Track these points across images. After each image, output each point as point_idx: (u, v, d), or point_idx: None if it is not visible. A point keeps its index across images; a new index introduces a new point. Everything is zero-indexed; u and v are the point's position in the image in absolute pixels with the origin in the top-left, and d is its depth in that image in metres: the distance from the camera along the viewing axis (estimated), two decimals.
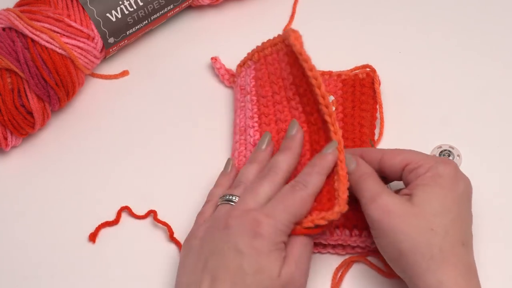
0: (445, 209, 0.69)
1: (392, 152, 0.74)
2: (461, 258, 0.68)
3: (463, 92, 0.87)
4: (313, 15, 0.92)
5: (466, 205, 0.71)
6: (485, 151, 0.83)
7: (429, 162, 0.71)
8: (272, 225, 0.68)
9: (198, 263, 0.69)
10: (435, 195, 0.70)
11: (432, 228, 0.68)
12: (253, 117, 0.81)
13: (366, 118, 0.81)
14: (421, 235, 0.68)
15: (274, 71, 0.81)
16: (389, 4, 0.93)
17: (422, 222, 0.68)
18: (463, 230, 0.70)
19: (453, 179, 0.70)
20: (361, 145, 0.79)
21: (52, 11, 0.81)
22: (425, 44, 0.90)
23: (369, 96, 0.83)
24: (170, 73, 0.89)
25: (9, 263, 0.77)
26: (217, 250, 0.68)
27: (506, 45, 0.90)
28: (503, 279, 0.75)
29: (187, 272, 0.70)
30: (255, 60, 0.83)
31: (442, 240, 0.68)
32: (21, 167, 0.83)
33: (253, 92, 0.82)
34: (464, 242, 0.69)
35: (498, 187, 0.81)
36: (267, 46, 0.82)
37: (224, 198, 0.73)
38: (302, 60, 0.76)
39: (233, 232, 0.68)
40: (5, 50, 0.79)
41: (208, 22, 0.92)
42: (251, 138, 0.80)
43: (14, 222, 0.80)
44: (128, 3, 0.84)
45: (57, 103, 0.82)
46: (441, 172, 0.70)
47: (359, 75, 0.84)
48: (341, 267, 0.76)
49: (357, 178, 0.72)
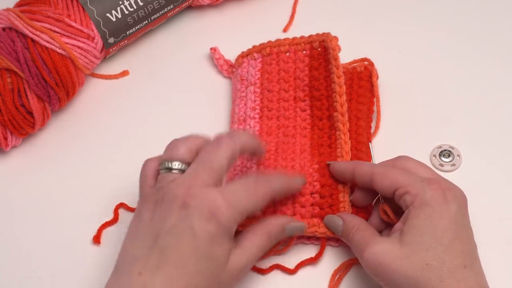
0: (437, 240, 0.68)
1: (381, 174, 0.72)
2: (466, 282, 0.67)
3: (463, 92, 0.87)
4: (313, 15, 0.92)
5: (462, 224, 0.70)
6: (485, 151, 0.83)
7: (415, 189, 0.70)
8: (231, 212, 0.66)
9: (148, 237, 0.66)
10: (425, 228, 0.68)
11: (427, 263, 0.67)
12: (255, 108, 0.81)
13: (363, 111, 0.81)
14: (418, 272, 0.67)
15: (287, 68, 0.82)
16: (389, 4, 0.93)
17: (415, 260, 0.68)
18: (463, 252, 0.68)
19: (441, 204, 0.69)
20: (356, 138, 0.79)
21: (52, 11, 0.81)
22: (425, 44, 0.90)
23: (366, 89, 0.83)
24: (170, 73, 0.89)
25: (9, 263, 0.77)
26: (171, 229, 0.65)
27: (506, 45, 0.90)
28: (503, 279, 0.75)
29: (135, 243, 0.67)
30: (265, 53, 0.84)
31: (439, 271, 0.67)
32: (21, 167, 0.83)
33: (258, 84, 0.83)
34: (466, 264, 0.68)
35: (498, 187, 0.81)
36: (285, 43, 0.83)
37: (164, 165, 0.69)
38: (334, 66, 0.78)
39: (191, 213, 0.65)
40: (5, 50, 0.79)
41: (208, 22, 0.92)
42: (251, 129, 0.80)
43: (14, 222, 0.80)
44: (128, 3, 0.84)
45: (57, 103, 0.82)
46: (428, 199, 0.69)
47: (357, 68, 0.84)
48: (339, 270, 0.76)
49: (346, 234, 0.73)
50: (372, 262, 0.69)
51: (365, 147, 0.79)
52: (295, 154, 0.78)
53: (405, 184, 0.70)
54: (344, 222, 0.73)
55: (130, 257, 0.66)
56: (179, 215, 0.66)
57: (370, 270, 0.70)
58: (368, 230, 0.72)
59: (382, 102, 0.85)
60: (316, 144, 0.78)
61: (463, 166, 0.81)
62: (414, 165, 0.73)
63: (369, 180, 0.73)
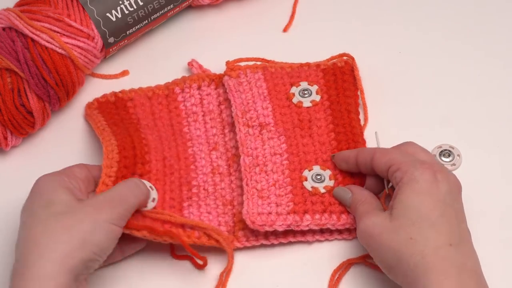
0: (422, 216, 0.69)
1: (381, 153, 0.74)
2: (450, 260, 0.67)
3: (463, 92, 0.87)
4: (313, 15, 0.92)
5: (452, 205, 0.70)
6: (485, 151, 0.83)
7: (407, 166, 0.71)
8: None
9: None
10: (411, 202, 0.69)
11: (410, 237, 0.68)
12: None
13: (352, 104, 0.82)
14: (402, 246, 0.68)
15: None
16: (389, 4, 0.93)
17: (400, 234, 0.69)
18: (450, 231, 0.69)
19: (431, 183, 0.70)
20: (352, 131, 0.80)
21: (52, 11, 0.81)
22: (425, 44, 0.90)
23: (350, 83, 0.84)
24: (170, 73, 0.89)
25: (9, 263, 0.77)
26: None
27: (506, 45, 0.90)
28: (503, 279, 0.75)
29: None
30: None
31: (423, 246, 0.68)
32: (21, 167, 0.83)
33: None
34: (452, 243, 0.68)
35: (499, 186, 0.81)
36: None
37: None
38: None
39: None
40: (5, 50, 0.79)
41: (208, 22, 0.92)
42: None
43: (14, 222, 0.80)
44: (128, 3, 0.84)
45: (57, 103, 0.82)
46: (417, 176, 0.70)
47: (338, 63, 0.85)
48: (339, 269, 0.76)
49: (353, 206, 0.75)
50: (363, 233, 0.72)
51: (361, 139, 0.80)
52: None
53: (398, 162, 0.72)
54: (353, 195, 0.75)
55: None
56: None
57: (362, 241, 0.72)
58: (373, 204, 0.74)
59: (381, 102, 0.85)
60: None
61: (463, 166, 0.81)
62: (416, 150, 0.74)
63: (370, 160, 0.74)
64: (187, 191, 0.78)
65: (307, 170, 0.78)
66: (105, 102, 0.83)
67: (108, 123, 0.80)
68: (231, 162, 0.80)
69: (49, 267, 0.67)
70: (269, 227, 0.75)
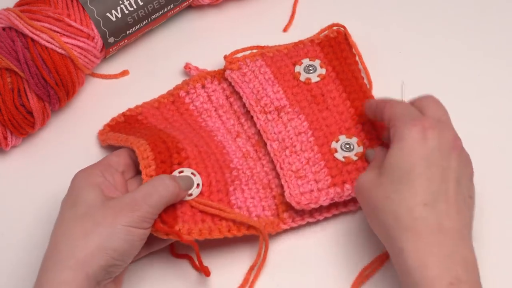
0: (402, 174, 0.67)
1: (390, 104, 0.73)
2: (424, 221, 0.65)
3: (463, 92, 0.87)
4: (313, 15, 0.93)
5: (438, 164, 0.68)
6: (486, 151, 0.83)
7: (399, 122, 0.70)
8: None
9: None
10: (395, 161, 0.68)
11: (387, 196, 0.67)
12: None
13: (356, 70, 0.84)
14: (380, 204, 0.68)
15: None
16: (389, 4, 0.94)
17: (381, 191, 0.68)
18: (428, 190, 0.67)
19: (417, 140, 0.68)
20: (364, 95, 0.81)
21: (52, 11, 0.81)
22: (425, 44, 0.90)
23: (348, 51, 0.86)
24: (170, 73, 0.89)
25: (9, 263, 0.77)
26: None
27: (507, 45, 0.90)
28: (503, 279, 0.75)
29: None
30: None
31: (397, 206, 0.66)
32: (21, 167, 0.83)
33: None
34: (427, 203, 0.66)
35: (499, 186, 0.81)
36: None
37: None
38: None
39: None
40: (5, 50, 0.79)
41: (208, 22, 0.92)
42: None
43: (14, 222, 0.80)
44: (128, 3, 0.84)
45: (57, 103, 0.82)
46: (405, 135, 0.69)
47: (330, 35, 0.87)
48: (369, 267, 0.75)
49: (372, 164, 0.75)
50: (357, 187, 0.72)
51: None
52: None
53: (395, 118, 0.71)
54: (375, 153, 0.75)
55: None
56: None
57: (356, 195, 0.73)
58: (379, 161, 0.73)
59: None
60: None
61: None
62: (428, 104, 0.73)
63: (382, 110, 0.74)
64: (229, 173, 0.78)
65: (334, 142, 0.79)
66: (116, 124, 0.83)
67: (127, 135, 0.79)
68: (257, 147, 0.81)
69: (65, 274, 0.66)
70: (314, 204, 0.76)
